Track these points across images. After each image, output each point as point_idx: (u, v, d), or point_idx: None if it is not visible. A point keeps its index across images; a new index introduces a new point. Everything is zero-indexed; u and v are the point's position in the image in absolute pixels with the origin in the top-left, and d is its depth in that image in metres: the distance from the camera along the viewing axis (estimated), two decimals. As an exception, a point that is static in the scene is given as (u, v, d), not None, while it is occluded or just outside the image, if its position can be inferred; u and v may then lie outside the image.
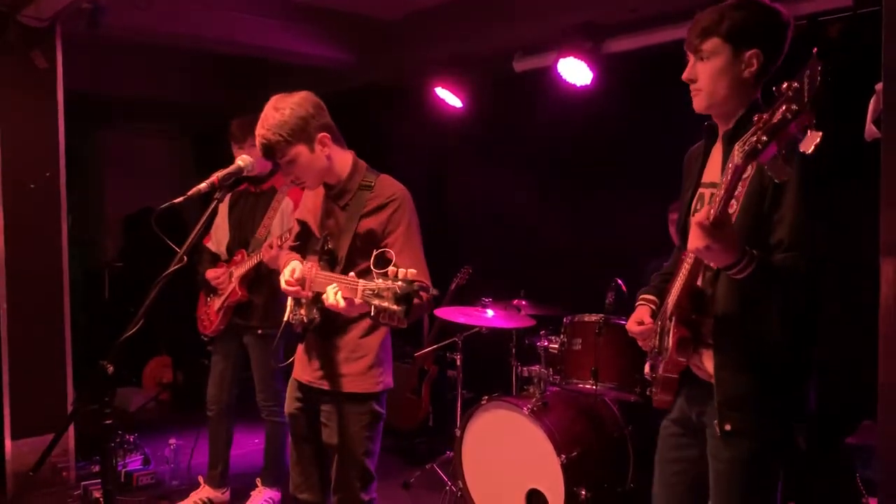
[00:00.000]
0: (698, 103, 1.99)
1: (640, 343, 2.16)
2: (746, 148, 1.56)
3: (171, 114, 6.64)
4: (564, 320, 3.61)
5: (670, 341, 1.95)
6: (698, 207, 2.03)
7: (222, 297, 3.69)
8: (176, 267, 2.12)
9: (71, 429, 4.22)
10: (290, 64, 5.43)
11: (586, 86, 4.29)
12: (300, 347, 2.63)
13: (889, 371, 1.18)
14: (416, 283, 1.94)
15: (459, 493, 3.79)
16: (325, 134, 2.42)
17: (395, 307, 1.91)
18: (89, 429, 4.07)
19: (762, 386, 1.88)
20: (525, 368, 3.83)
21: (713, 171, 2.02)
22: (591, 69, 4.22)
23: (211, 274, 3.74)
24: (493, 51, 4.83)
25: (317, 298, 2.39)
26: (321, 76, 5.56)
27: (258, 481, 3.94)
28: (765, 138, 1.50)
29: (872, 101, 2.56)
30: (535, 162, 5.03)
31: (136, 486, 4.12)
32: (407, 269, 1.96)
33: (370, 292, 1.97)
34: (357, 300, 2.05)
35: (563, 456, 3.31)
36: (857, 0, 3.43)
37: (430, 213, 5.16)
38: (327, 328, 2.49)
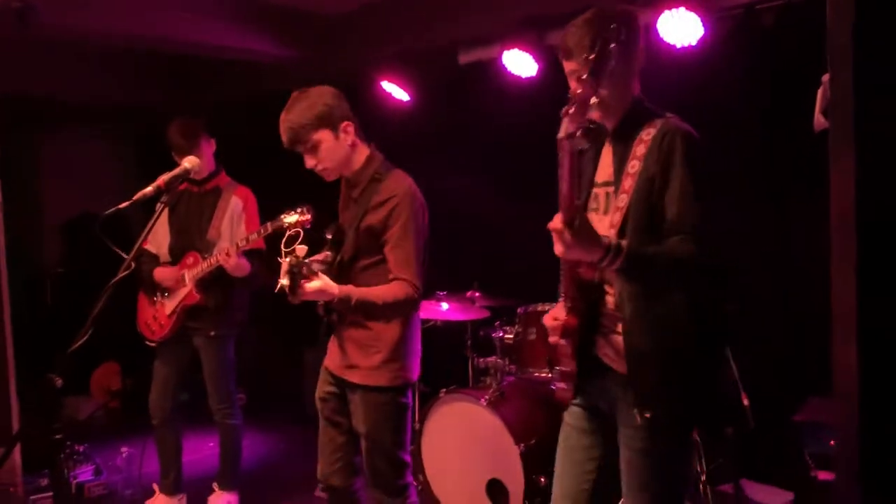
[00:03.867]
0: None
1: (551, 340, 2.08)
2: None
3: (110, 115, 6.44)
4: (518, 311, 3.64)
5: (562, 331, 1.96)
6: (594, 207, 2.05)
7: (175, 300, 3.60)
8: (124, 274, 2.09)
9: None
10: (233, 61, 5.33)
11: (532, 77, 4.32)
12: (333, 336, 2.69)
13: (842, 352, 1.23)
14: (307, 260, 2.22)
15: (420, 486, 3.79)
16: (348, 122, 2.50)
17: (282, 281, 2.21)
18: (37, 442, 3.95)
19: (675, 373, 1.90)
20: (481, 360, 3.85)
21: (605, 170, 2.05)
22: (536, 61, 4.24)
23: (160, 274, 3.63)
24: (439, 44, 4.81)
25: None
26: (265, 73, 5.48)
27: (215, 485, 3.88)
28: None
29: (820, 91, 2.62)
30: (484, 154, 5.04)
31: (87, 498, 4.00)
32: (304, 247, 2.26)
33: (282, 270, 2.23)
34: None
35: (522, 445, 3.35)
36: (791, -12, 3.51)
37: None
38: (346, 318, 2.57)
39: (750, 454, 3.31)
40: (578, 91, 1.65)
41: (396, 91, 4.94)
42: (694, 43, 3.63)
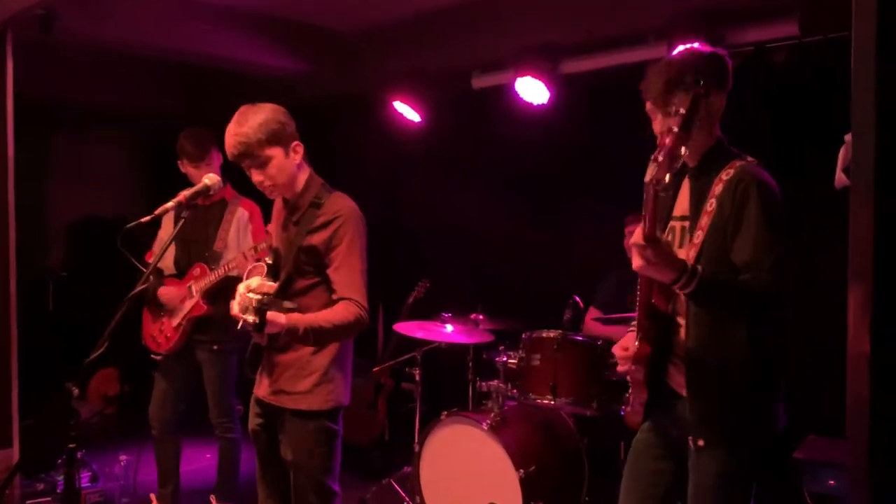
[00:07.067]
0: None
1: (619, 369, 2.16)
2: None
3: (122, 120, 6.47)
4: (523, 336, 3.65)
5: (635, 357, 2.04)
6: (669, 239, 2.11)
7: (182, 312, 3.61)
8: (141, 288, 2.11)
9: (16, 447, 4.08)
10: (248, 73, 5.37)
11: (544, 104, 4.36)
12: (262, 362, 2.63)
13: (856, 390, 1.26)
14: (265, 298, 2.23)
15: (417, 507, 3.80)
16: (298, 143, 2.46)
17: (247, 317, 2.24)
18: (36, 448, 3.95)
19: (732, 403, 1.97)
20: (483, 383, 3.85)
21: (682, 204, 2.11)
22: (548, 88, 4.29)
23: (164, 292, 3.62)
24: (452, 67, 4.87)
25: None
26: (279, 86, 5.51)
27: (212, 498, 3.88)
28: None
29: (842, 150, 2.70)
30: (493, 178, 5.09)
31: (84, 505, 4.01)
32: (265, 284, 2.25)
33: (243, 306, 2.26)
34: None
35: (522, 471, 3.36)
36: (803, 28, 3.57)
37: (387, 227, 5.21)
38: (280, 344, 2.50)
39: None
40: (668, 142, 1.67)
41: (408, 111, 4.99)
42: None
